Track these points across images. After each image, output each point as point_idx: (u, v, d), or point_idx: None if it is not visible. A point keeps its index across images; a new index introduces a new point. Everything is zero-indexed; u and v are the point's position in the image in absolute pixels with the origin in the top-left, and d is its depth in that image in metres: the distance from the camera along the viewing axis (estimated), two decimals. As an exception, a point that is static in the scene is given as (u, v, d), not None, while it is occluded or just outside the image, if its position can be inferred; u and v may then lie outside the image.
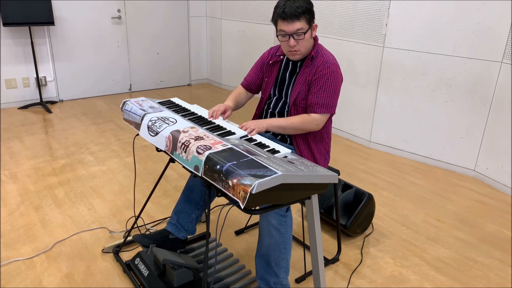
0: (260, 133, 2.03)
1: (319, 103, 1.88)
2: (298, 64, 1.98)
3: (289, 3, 1.81)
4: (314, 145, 2.00)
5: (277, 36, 1.90)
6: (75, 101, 5.09)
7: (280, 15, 1.82)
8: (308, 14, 1.83)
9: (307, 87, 1.92)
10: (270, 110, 2.06)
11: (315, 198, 1.68)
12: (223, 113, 1.98)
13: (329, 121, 2.03)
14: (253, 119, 2.15)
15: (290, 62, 2.01)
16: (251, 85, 2.16)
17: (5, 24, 4.23)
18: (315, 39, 1.97)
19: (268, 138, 1.91)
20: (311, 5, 1.86)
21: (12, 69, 4.63)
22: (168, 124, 1.77)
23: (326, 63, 1.89)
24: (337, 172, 2.11)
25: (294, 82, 1.97)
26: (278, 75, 2.05)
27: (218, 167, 1.39)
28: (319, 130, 1.99)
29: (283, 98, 2.02)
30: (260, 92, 2.17)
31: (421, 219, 2.73)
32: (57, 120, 4.37)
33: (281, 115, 2.02)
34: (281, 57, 2.04)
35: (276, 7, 1.86)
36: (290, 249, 1.84)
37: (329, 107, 1.89)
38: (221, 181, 1.38)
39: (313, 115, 1.89)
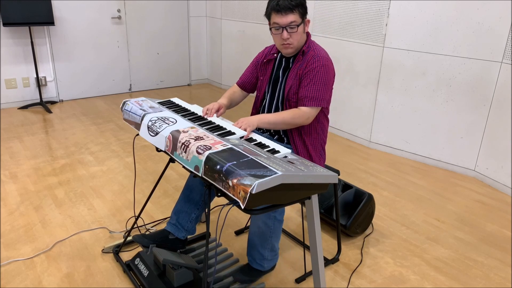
0: (258, 133, 2.04)
1: (309, 96, 1.89)
2: (291, 60, 2.00)
3: None
4: (308, 141, 2.00)
5: (270, 29, 1.93)
6: (75, 101, 5.09)
7: (273, 8, 1.86)
8: (301, 7, 1.87)
9: (298, 81, 1.94)
10: (266, 109, 2.08)
11: (315, 198, 1.68)
12: (217, 111, 2.00)
13: (323, 116, 2.03)
14: None
15: (283, 59, 2.03)
16: (246, 84, 2.18)
17: (5, 24, 4.23)
18: (308, 35, 1.99)
19: (266, 138, 1.91)
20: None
21: (12, 69, 4.63)
22: (168, 124, 1.77)
23: (316, 56, 1.91)
24: (337, 172, 2.11)
25: (287, 77, 1.99)
26: (272, 73, 2.07)
27: (218, 167, 1.39)
28: (313, 125, 2.00)
29: (276, 95, 2.04)
30: (256, 91, 2.17)
31: (421, 219, 2.73)
32: (57, 120, 4.37)
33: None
34: (275, 55, 2.07)
35: (269, 1, 1.90)
36: (278, 236, 1.97)
37: (319, 100, 1.90)
38: (221, 181, 1.38)
39: (303, 108, 1.90)
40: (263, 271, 2.04)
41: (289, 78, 1.97)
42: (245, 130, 1.79)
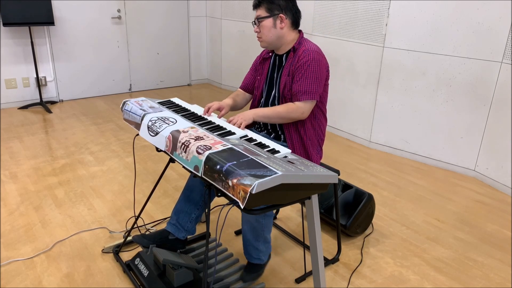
0: (256, 132, 2.06)
1: (302, 91, 1.91)
2: (284, 58, 2.03)
3: None
4: (305, 136, 2.02)
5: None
6: (75, 101, 5.09)
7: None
8: (268, 3, 1.94)
9: (291, 77, 1.97)
10: (262, 107, 2.10)
11: (315, 198, 1.68)
12: (219, 110, 2.02)
13: (320, 112, 2.05)
14: None
15: (277, 58, 2.06)
16: (248, 86, 2.22)
17: (5, 24, 4.23)
18: (300, 33, 2.03)
19: (264, 136, 1.94)
20: None
21: (12, 69, 4.63)
22: (168, 124, 1.77)
23: (306, 51, 1.93)
24: (337, 172, 2.11)
25: (281, 75, 2.02)
26: (268, 72, 2.10)
27: (218, 167, 1.39)
28: (309, 120, 2.01)
29: (272, 93, 2.07)
30: (254, 90, 2.20)
31: (421, 219, 2.73)
32: (57, 120, 4.37)
33: None
34: (270, 54, 2.10)
35: None
36: (270, 228, 2.00)
37: (312, 94, 1.91)
38: (221, 181, 1.38)
39: (297, 103, 1.92)
40: (263, 263, 2.09)
41: (283, 76, 2.00)
42: (240, 124, 1.84)
